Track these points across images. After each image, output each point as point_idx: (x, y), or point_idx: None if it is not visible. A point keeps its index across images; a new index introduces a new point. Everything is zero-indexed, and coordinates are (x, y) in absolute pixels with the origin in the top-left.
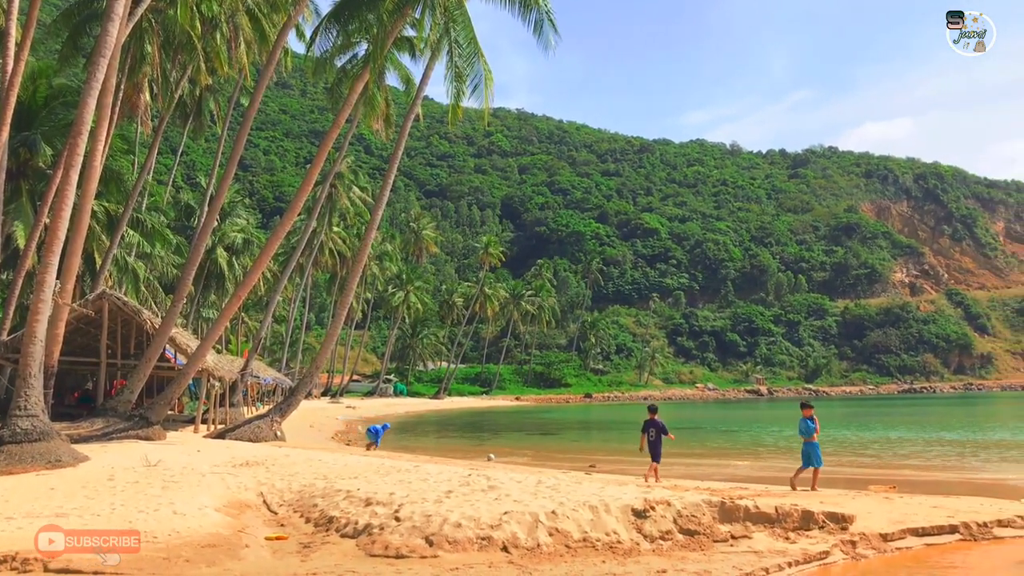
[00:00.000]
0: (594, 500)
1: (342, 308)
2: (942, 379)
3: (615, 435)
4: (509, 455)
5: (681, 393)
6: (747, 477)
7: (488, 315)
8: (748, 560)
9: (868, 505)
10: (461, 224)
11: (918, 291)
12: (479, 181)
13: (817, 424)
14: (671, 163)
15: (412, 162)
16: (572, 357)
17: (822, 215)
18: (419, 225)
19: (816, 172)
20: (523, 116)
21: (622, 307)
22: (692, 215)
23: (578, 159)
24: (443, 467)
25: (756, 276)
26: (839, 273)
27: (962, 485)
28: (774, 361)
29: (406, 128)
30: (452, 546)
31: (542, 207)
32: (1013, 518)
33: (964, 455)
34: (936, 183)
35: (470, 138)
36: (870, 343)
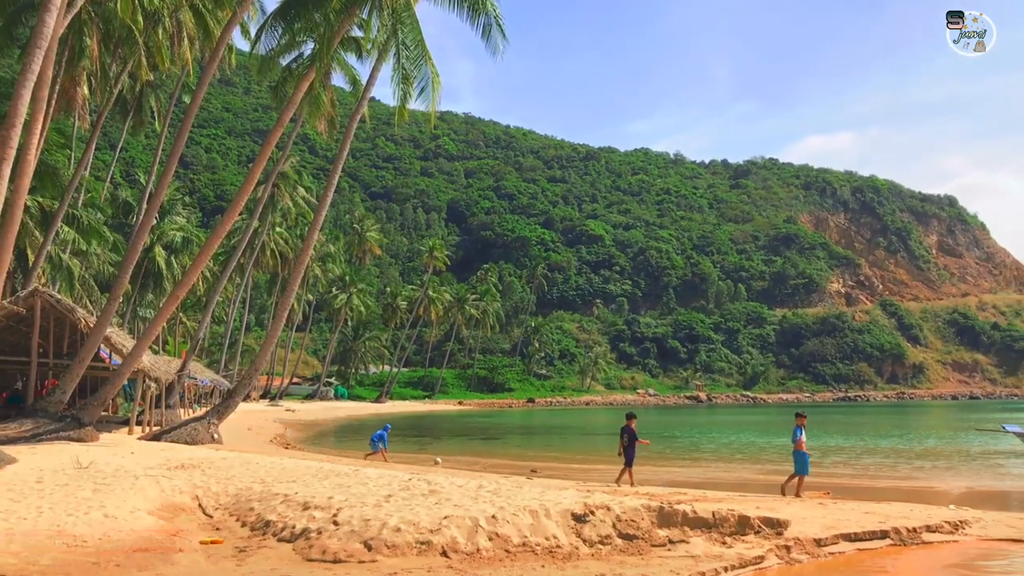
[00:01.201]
0: (534, 504)
1: (283, 309)
2: (876, 388)
3: (557, 440)
4: (454, 459)
5: (622, 399)
6: (686, 482)
7: (432, 319)
8: (685, 564)
9: (803, 511)
10: (406, 227)
11: (854, 301)
12: (425, 184)
13: (803, 434)
14: (616, 171)
15: (357, 163)
16: (516, 362)
17: (762, 225)
18: (363, 227)
19: (757, 183)
20: (470, 120)
21: (566, 313)
22: (636, 223)
23: (524, 164)
24: (383, 471)
25: (697, 284)
26: (778, 282)
27: (894, 491)
28: (713, 368)
29: (351, 129)
30: (391, 550)
31: (488, 211)
32: (941, 523)
33: (897, 462)
34: (873, 196)
35: (416, 141)
36: (807, 351)
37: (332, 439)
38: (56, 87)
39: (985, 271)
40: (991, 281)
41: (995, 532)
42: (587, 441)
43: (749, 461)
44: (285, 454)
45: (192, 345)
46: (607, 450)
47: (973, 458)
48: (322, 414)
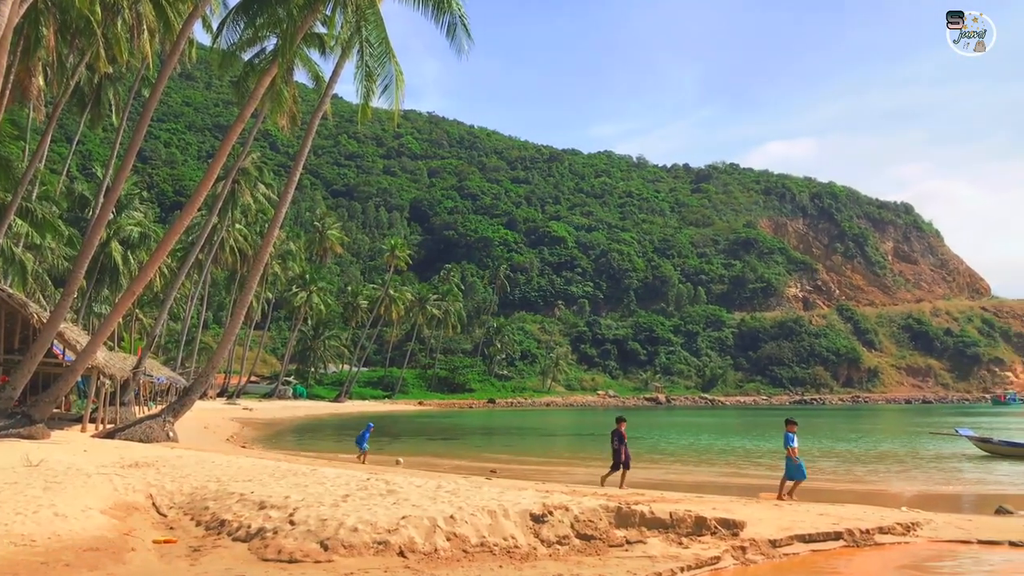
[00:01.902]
0: (493, 505)
1: (241, 307)
2: (831, 391)
3: (517, 441)
4: (413, 459)
5: (583, 400)
6: (644, 483)
7: (393, 318)
8: (642, 565)
9: (759, 512)
10: (368, 225)
11: (811, 306)
12: (387, 183)
13: (795, 441)
14: (579, 173)
15: (319, 161)
16: (477, 362)
17: (722, 229)
18: (324, 225)
19: (718, 187)
20: (434, 119)
21: (528, 313)
22: (598, 225)
23: (488, 165)
24: (341, 471)
25: (658, 287)
26: (737, 286)
27: (849, 494)
28: (673, 370)
29: (313, 125)
30: (347, 550)
31: (451, 211)
32: (893, 525)
33: (852, 465)
34: (831, 202)
35: (379, 139)
36: (764, 355)
37: (290, 438)
38: (11, 77)
39: (939, 278)
40: (945, 288)
41: (945, 534)
42: (547, 442)
43: (706, 463)
44: (242, 453)
45: (148, 342)
46: (567, 451)
47: (927, 461)
48: (280, 413)
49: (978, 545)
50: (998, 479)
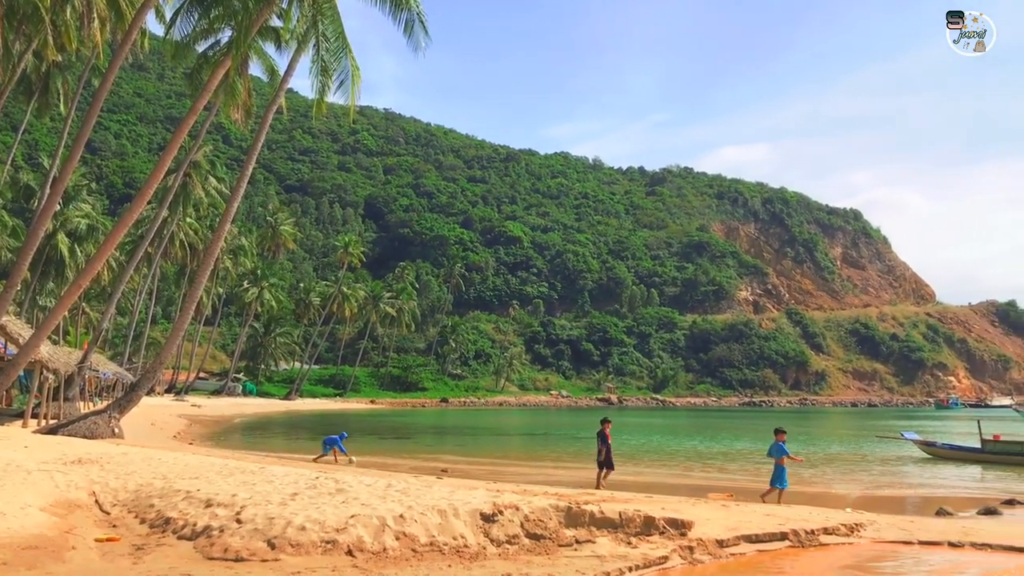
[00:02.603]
0: (443, 504)
1: (190, 302)
2: (780, 394)
3: (470, 440)
4: (364, 458)
5: (536, 400)
6: (594, 482)
7: (346, 316)
8: (591, 564)
9: (707, 512)
10: (322, 222)
11: (761, 309)
12: (342, 179)
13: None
14: (536, 173)
15: (273, 155)
16: (430, 361)
17: (675, 232)
18: (277, 220)
19: (672, 191)
20: (391, 116)
21: (482, 313)
22: (554, 226)
23: (444, 163)
24: (290, 469)
25: (612, 288)
26: (689, 289)
27: (795, 495)
28: (625, 371)
29: (267, 119)
30: (295, 549)
31: (406, 209)
32: (838, 526)
33: (800, 467)
34: (782, 207)
35: (335, 134)
36: (715, 357)
37: (239, 436)
38: None
39: (886, 283)
40: (891, 293)
41: (888, 535)
42: (500, 442)
43: (657, 463)
44: (189, 450)
45: (94, 336)
46: (520, 451)
47: (873, 464)
48: (229, 410)
49: (919, 546)
50: (940, 482)
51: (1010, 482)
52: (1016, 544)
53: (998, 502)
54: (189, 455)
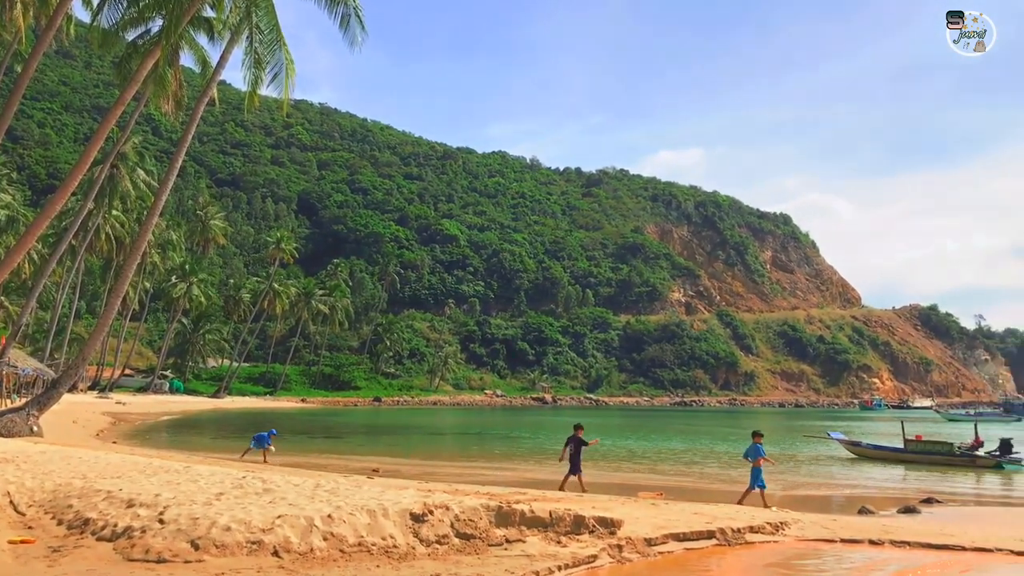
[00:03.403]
0: (372, 504)
1: (116, 297)
2: (710, 394)
3: (402, 440)
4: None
5: (470, 399)
6: (528, 482)
7: (277, 313)
8: (520, 564)
9: (636, 511)
10: (254, 217)
11: (693, 310)
12: (275, 173)
13: (763, 451)
14: (473, 172)
15: (204, 148)
16: (363, 360)
17: (611, 234)
18: (207, 214)
19: (608, 193)
20: (326, 111)
21: (417, 311)
22: (491, 225)
23: (380, 160)
24: (216, 468)
25: (548, 288)
26: (623, 289)
27: (724, 493)
28: (560, 370)
29: (198, 111)
30: (219, 550)
31: (341, 205)
32: (763, 524)
33: (730, 465)
34: (715, 211)
35: (268, 128)
36: (647, 357)
37: (165, 435)
38: None
39: (814, 287)
40: (818, 296)
41: (811, 533)
42: (433, 441)
43: (589, 462)
44: (112, 449)
45: (13, 331)
46: (453, 450)
47: (802, 464)
48: (155, 408)
49: (841, 544)
50: (864, 481)
51: (930, 481)
52: (933, 541)
53: (917, 501)
54: (112, 454)
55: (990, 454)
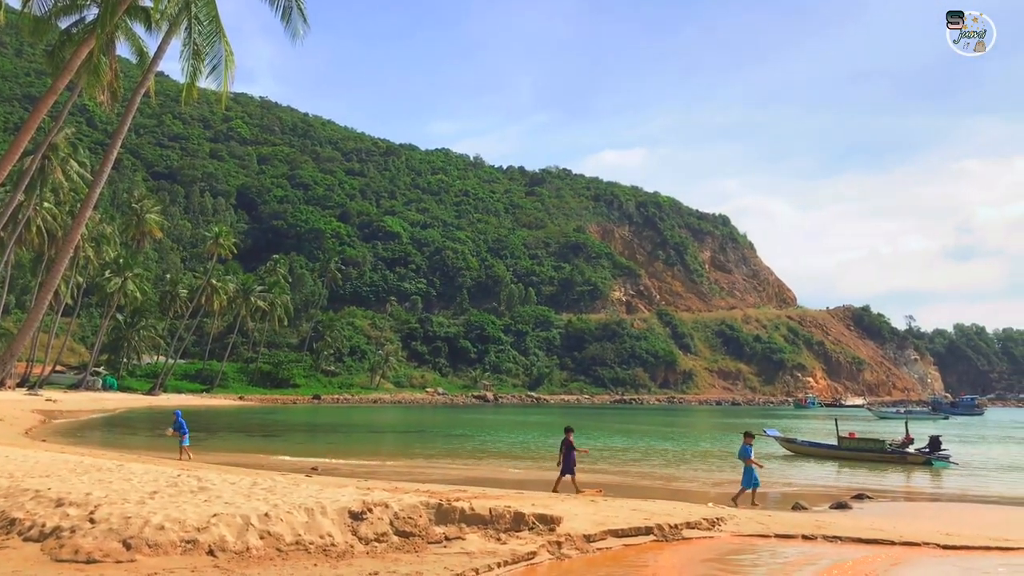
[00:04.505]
0: (310, 502)
1: (47, 291)
2: (649, 392)
3: (342, 438)
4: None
5: (411, 397)
6: (469, 480)
7: (215, 309)
8: (460, 561)
9: (575, 507)
10: (192, 211)
11: (633, 310)
12: (214, 167)
13: (753, 451)
14: (416, 169)
15: (141, 140)
16: (303, 357)
17: (553, 233)
18: (143, 208)
19: (551, 192)
20: (266, 104)
21: (358, 309)
22: (434, 222)
23: (322, 155)
24: (150, 467)
25: (490, 286)
26: (565, 288)
27: (662, 490)
28: (502, 368)
29: (134, 102)
30: (152, 550)
31: (281, 200)
32: (700, 520)
33: (670, 462)
34: (655, 211)
35: (207, 121)
36: (588, 355)
37: (98, 432)
38: None
39: (751, 287)
40: (755, 296)
41: (747, 528)
42: (373, 439)
43: (530, 459)
44: (42, 447)
45: None
46: (393, 448)
47: (738, 460)
48: (88, 405)
49: (775, 539)
50: (798, 477)
51: (863, 478)
52: (863, 536)
53: (849, 496)
54: (41, 452)
55: (920, 451)
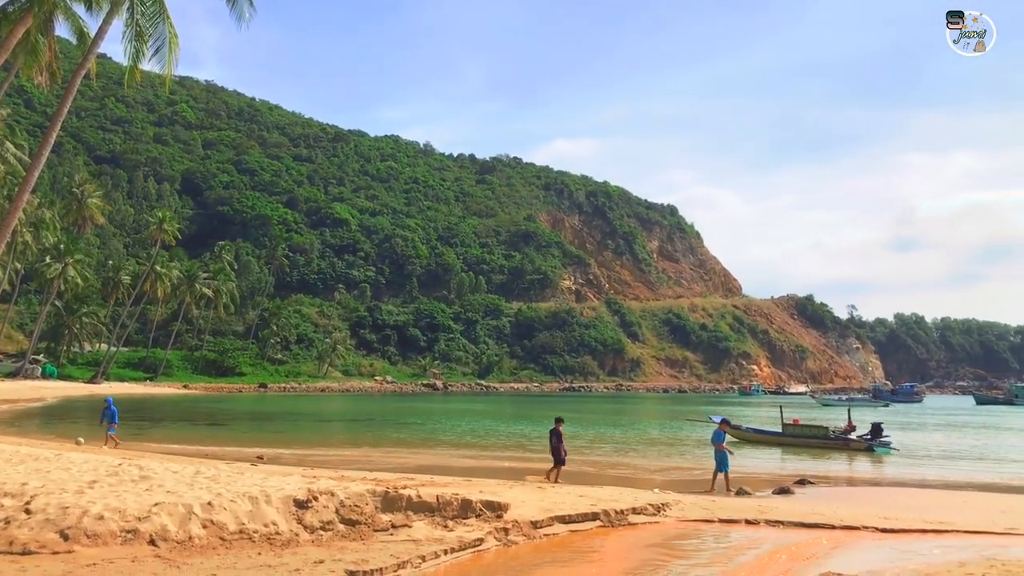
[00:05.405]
0: (255, 491)
1: None
2: (598, 379)
3: (290, 427)
4: (173, 446)
5: (360, 385)
6: (417, 468)
7: (158, 296)
8: (406, 548)
9: (523, 494)
10: (135, 196)
11: (582, 298)
12: (158, 152)
13: (727, 437)
14: (365, 155)
15: (82, 123)
16: (249, 345)
17: (504, 221)
18: (84, 192)
19: (501, 180)
20: (212, 88)
21: (306, 296)
22: (383, 209)
23: (269, 140)
24: (90, 456)
25: (440, 274)
26: (515, 277)
27: (610, 477)
28: (451, 357)
29: (74, 84)
30: (91, 540)
31: (227, 186)
32: (645, 506)
33: (619, 448)
34: (605, 201)
35: (151, 105)
36: (538, 344)
37: (37, 421)
38: None
39: (697, 276)
40: (702, 286)
41: (692, 513)
42: (321, 428)
43: (479, 447)
44: None
45: None
46: (341, 437)
47: (686, 446)
48: (27, 394)
49: (720, 524)
50: (743, 463)
51: (806, 463)
52: (805, 520)
53: (791, 481)
54: None
55: (862, 437)
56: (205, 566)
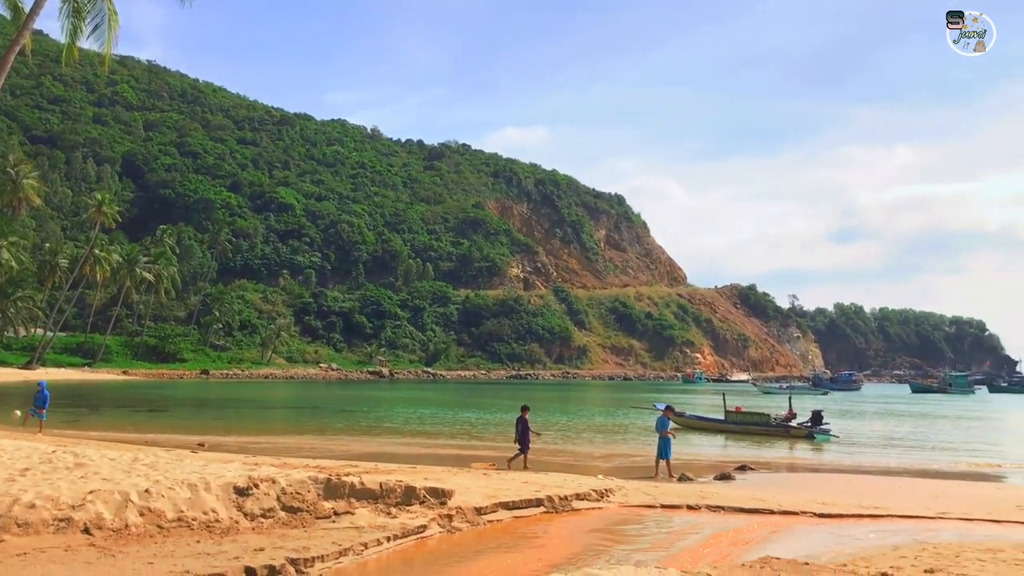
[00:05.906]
0: (194, 478)
1: None
2: (545, 367)
3: (232, 413)
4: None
5: (304, 372)
6: (362, 455)
7: (97, 280)
8: (348, 536)
9: (468, 481)
10: (73, 178)
11: (530, 286)
12: (98, 132)
13: (671, 424)
14: (311, 140)
15: (17, 102)
16: (191, 331)
17: (452, 208)
18: (19, 173)
19: (450, 167)
20: (154, 69)
21: (250, 282)
22: (329, 194)
23: (213, 122)
24: (23, 443)
25: (387, 261)
26: (463, 264)
27: (554, 463)
28: (398, 344)
29: (8, 61)
30: (22, 529)
31: (169, 168)
32: (589, 492)
33: (566, 435)
34: (553, 189)
35: (90, 84)
36: (486, 331)
37: None
38: None
39: (644, 265)
40: (648, 275)
41: (635, 499)
42: (264, 415)
43: (424, 435)
44: None
45: None
46: (284, 424)
47: (630, 433)
48: None
49: (661, 509)
50: (686, 450)
51: (747, 450)
52: (745, 506)
53: (733, 468)
54: None
55: (802, 425)
56: (142, 554)
